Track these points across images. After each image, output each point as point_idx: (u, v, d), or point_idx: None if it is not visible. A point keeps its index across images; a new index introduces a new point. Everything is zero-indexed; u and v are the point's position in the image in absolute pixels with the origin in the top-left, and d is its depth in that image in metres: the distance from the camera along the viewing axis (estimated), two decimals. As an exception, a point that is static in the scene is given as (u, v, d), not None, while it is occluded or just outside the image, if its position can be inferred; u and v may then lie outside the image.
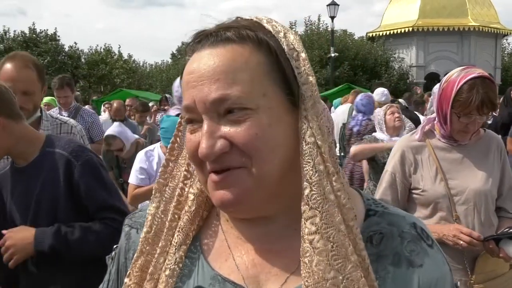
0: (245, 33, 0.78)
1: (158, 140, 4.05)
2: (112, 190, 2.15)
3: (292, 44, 0.80)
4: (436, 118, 2.31)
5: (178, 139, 0.91)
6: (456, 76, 2.19)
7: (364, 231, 0.83)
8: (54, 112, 5.47)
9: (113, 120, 6.33)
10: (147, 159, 3.76)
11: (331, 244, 0.74)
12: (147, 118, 8.98)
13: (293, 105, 0.79)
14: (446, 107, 2.19)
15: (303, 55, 0.80)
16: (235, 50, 0.77)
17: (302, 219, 0.76)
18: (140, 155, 3.84)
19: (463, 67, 2.28)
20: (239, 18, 0.84)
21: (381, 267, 0.80)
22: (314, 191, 0.75)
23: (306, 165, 0.76)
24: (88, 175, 2.05)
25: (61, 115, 5.30)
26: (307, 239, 0.75)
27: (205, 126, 0.76)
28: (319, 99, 0.81)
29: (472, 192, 2.23)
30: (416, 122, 6.76)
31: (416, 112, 7.91)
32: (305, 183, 0.76)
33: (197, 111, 0.77)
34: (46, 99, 8.82)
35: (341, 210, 0.77)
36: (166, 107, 9.50)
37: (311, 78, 0.79)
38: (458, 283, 2.28)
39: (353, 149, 4.45)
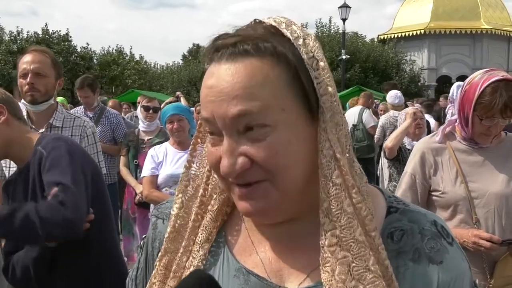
0: (262, 46, 0.77)
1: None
2: (66, 171, 1.97)
3: (312, 52, 0.78)
4: (457, 120, 2.29)
5: (199, 139, 0.93)
6: (479, 79, 2.17)
7: (385, 227, 0.84)
8: (79, 111, 5.55)
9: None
10: (155, 150, 4.07)
11: (352, 255, 0.76)
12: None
13: (312, 117, 0.79)
14: (468, 109, 2.17)
15: (322, 63, 0.79)
16: (254, 65, 0.76)
17: (322, 231, 0.78)
18: (150, 150, 4.14)
19: (487, 69, 2.25)
20: (257, 21, 0.83)
21: (401, 262, 0.81)
22: (333, 205, 0.77)
23: (324, 179, 0.77)
24: (49, 160, 2.01)
25: (86, 115, 5.41)
26: (328, 250, 0.77)
27: (225, 144, 0.77)
28: (339, 109, 0.80)
29: (493, 195, 2.21)
30: (427, 125, 6.77)
31: (428, 115, 7.89)
32: (323, 195, 0.78)
33: (216, 124, 0.77)
34: (57, 99, 8.87)
35: (362, 222, 0.78)
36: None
37: (330, 89, 0.78)
38: (477, 280, 2.28)
39: (387, 143, 4.45)
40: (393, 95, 7.19)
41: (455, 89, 6.65)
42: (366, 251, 0.76)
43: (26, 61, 2.91)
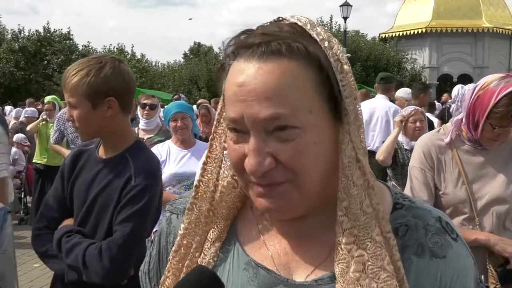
0: (295, 46, 0.76)
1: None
2: (135, 224, 1.99)
3: (336, 55, 0.79)
4: (464, 121, 2.25)
5: (217, 136, 0.93)
6: (495, 86, 2.10)
7: (390, 223, 0.85)
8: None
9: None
10: (158, 149, 4.05)
11: (368, 254, 0.78)
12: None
13: (335, 119, 0.80)
14: (481, 116, 2.12)
15: (346, 67, 0.79)
16: (286, 65, 0.76)
17: (340, 228, 0.80)
18: (153, 149, 4.09)
19: (503, 75, 2.18)
20: (280, 19, 0.83)
21: (406, 257, 0.82)
22: (353, 204, 0.79)
23: (345, 179, 0.80)
24: (129, 198, 1.99)
25: None
26: (345, 248, 0.79)
27: (252, 142, 0.77)
28: (361, 111, 0.82)
29: (493, 197, 2.20)
30: (430, 124, 6.75)
31: (429, 114, 7.88)
32: (343, 195, 0.80)
33: (243, 125, 0.77)
34: (47, 98, 8.59)
35: (379, 223, 0.80)
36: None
37: (354, 91, 0.80)
38: (482, 277, 2.28)
39: (378, 157, 4.43)
40: (407, 91, 7.33)
41: (459, 90, 6.69)
42: (381, 251, 0.78)
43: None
